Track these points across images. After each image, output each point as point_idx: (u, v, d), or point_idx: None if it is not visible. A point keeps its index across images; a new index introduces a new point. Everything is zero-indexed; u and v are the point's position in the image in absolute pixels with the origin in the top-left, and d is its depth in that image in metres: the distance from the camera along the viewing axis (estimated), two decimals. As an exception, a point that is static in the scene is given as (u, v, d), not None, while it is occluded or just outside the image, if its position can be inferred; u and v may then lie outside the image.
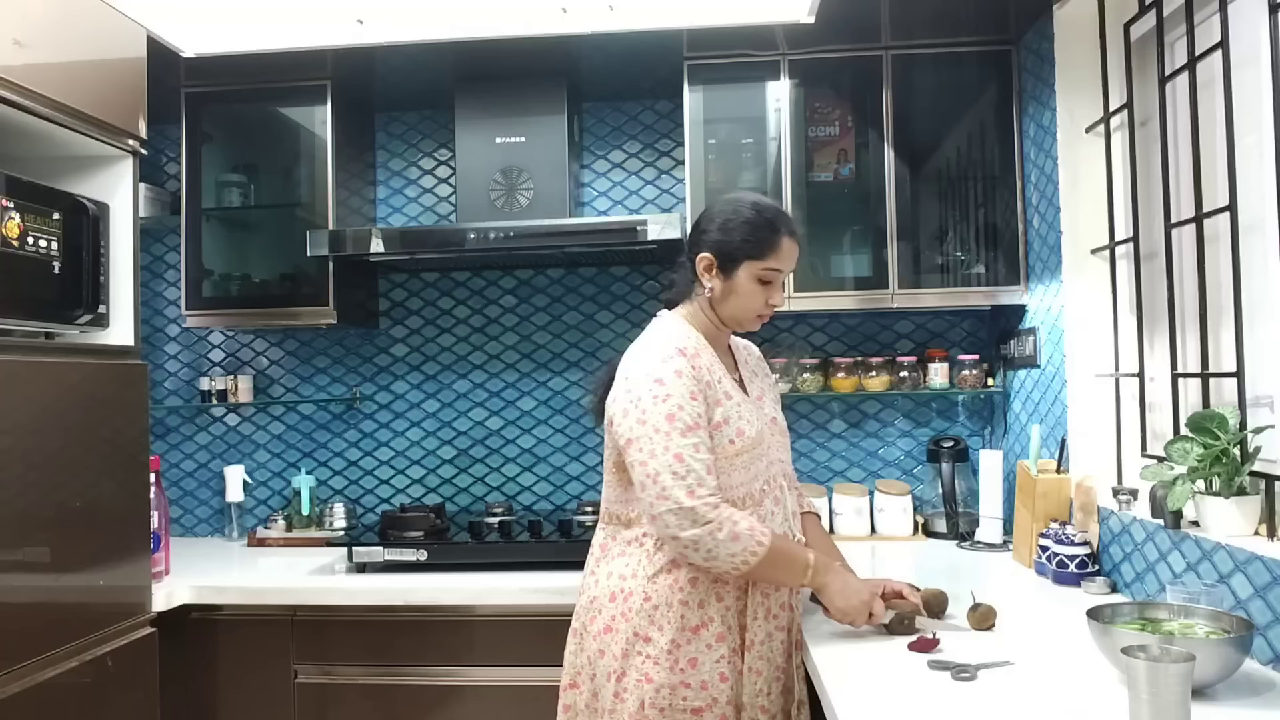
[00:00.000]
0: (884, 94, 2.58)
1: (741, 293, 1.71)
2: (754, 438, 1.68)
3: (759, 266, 1.69)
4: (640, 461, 1.59)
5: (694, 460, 1.57)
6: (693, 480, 1.56)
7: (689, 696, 1.60)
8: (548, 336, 3.01)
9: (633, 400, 1.62)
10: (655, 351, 1.66)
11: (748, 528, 1.57)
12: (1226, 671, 1.34)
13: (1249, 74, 1.68)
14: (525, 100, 2.72)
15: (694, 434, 1.59)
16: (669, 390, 1.60)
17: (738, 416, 1.67)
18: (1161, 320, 1.98)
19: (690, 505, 1.54)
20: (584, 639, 1.71)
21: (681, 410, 1.59)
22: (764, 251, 1.69)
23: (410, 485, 3.04)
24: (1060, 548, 2.08)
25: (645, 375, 1.63)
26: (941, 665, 1.51)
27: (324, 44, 2.28)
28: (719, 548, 1.55)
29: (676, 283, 1.80)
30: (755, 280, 1.70)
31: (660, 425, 1.58)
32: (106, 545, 2.00)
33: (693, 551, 1.57)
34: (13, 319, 1.84)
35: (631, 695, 1.60)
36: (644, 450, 1.59)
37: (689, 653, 1.61)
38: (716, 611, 1.64)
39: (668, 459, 1.56)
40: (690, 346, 1.67)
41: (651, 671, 1.60)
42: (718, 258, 1.70)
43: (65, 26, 1.94)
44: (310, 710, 2.34)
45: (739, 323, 1.76)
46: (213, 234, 2.82)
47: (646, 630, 1.62)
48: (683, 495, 1.55)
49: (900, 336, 2.90)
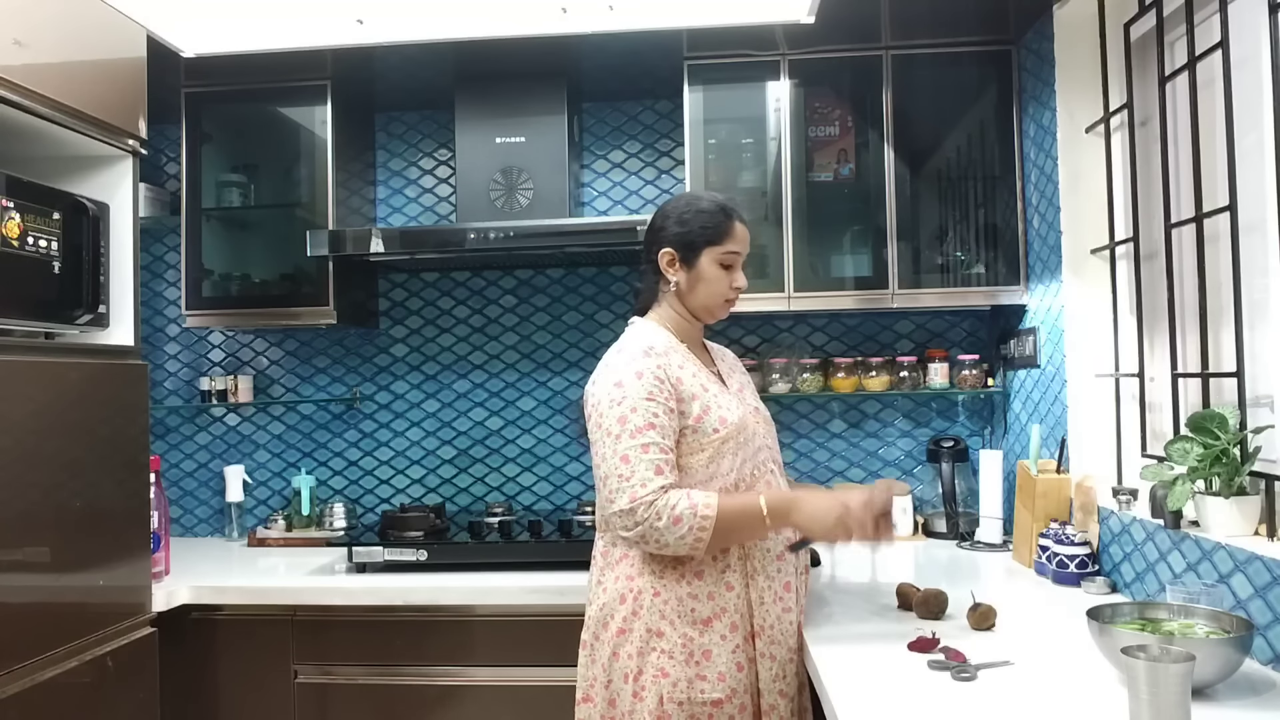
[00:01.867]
0: (884, 94, 2.58)
1: (707, 279, 1.76)
2: (737, 423, 1.71)
3: (719, 251, 1.75)
4: (595, 465, 1.67)
5: (640, 461, 1.60)
6: (636, 481, 1.59)
7: (706, 689, 1.61)
8: (548, 336, 3.01)
9: (594, 405, 1.68)
10: (620, 356, 1.71)
11: (688, 506, 1.58)
12: (1226, 671, 1.34)
13: (1249, 74, 1.68)
14: (525, 100, 2.72)
15: (645, 434, 1.61)
16: (625, 393, 1.64)
17: (718, 405, 1.70)
18: (1161, 320, 1.98)
19: (628, 506, 1.58)
20: (595, 648, 1.70)
21: (634, 413, 1.62)
22: (722, 236, 1.75)
23: (410, 485, 3.04)
24: (1060, 548, 2.08)
25: (606, 380, 1.68)
26: (941, 665, 1.51)
27: (324, 44, 2.28)
28: (665, 534, 1.58)
29: (642, 290, 1.85)
30: (718, 265, 1.76)
31: (612, 428, 1.63)
32: (106, 545, 2.00)
33: (645, 545, 1.62)
34: (13, 319, 1.84)
35: (650, 692, 1.61)
36: (597, 454, 1.66)
37: (703, 645, 1.63)
38: (728, 602, 1.65)
39: (615, 462, 1.61)
40: (659, 345, 1.72)
41: (667, 666, 1.61)
42: (679, 250, 1.76)
43: (65, 26, 1.94)
44: (310, 710, 2.34)
45: (709, 310, 1.80)
46: (213, 234, 2.82)
47: (659, 626, 1.63)
48: (624, 500, 1.59)
49: (900, 336, 2.90)
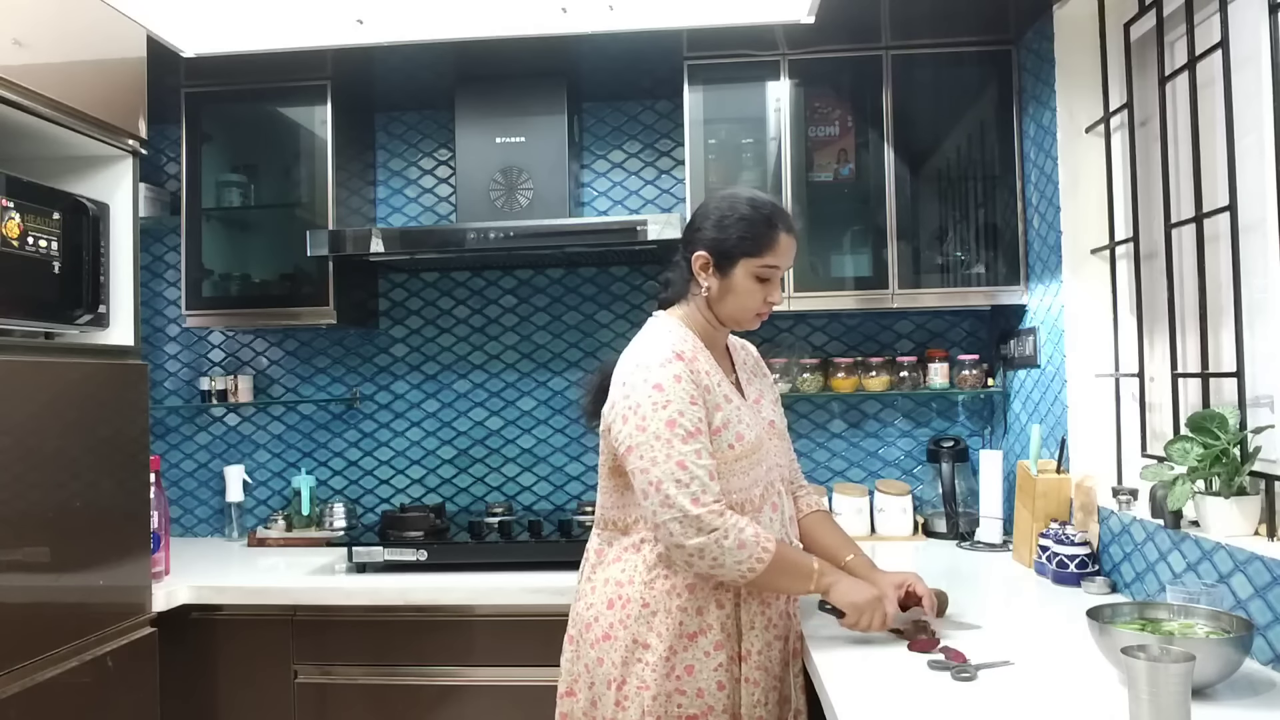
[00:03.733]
0: (884, 94, 2.58)
1: (739, 291, 1.66)
2: (753, 442, 1.66)
3: (756, 264, 1.64)
4: (641, 469, 1.55)
5: (697, 467, 1.54)
6: (697, 487, 1.52)
7: (684, 704, 1.59)
8: (548, 336, 3.01)
9: (631, 407, 1.58)
10: (652, 356, 1.61)
11: (753, 535, 1.54)
12: (1226, 671, 1.34)
13: (1249, 74, 1.68)
14: (525, 100, 2.71)
15: (695, 440, 1.55)
16: (668, 396, 1.56)
17: (737, 420, 1.65)
18: (1161, 320, 1.98)
19: (696, 513, 1.51)
20: (580, 646, 1.69)
21: (682, 416, 1.55)
22: (761, 249, 1.64)
23: (410, 485, 3.04)
24: (1060, 548, 2.08)
25: (643, 381, 1.58)
26: (941, 665, 1.51)
27: (324, 44, 2.28)
28: (725, 555, 1.52)
29: (672, 282, 1.74)
30: (753, 278, 1.65)
31: (661, 432, 1.54)
32: (106, 545, 2.00)
33: (699, 560, 1.53)
34: (13, 319, 1.84)
35: (632, 703, 1.59)
36: (645, 458, 1.55)
37: (685, 659, 1.60)
38: (715, 619, 1.62)
39: (670, 466, 1.53)
40: (688, 350, 1.63)
41: (649, 678, 1.58)
42: (714, 256, 1.66)
43: (65, 26, 1.94)
44: (310, 710, 2.34)
45: (737, 322, 1.72)
46: (213, 234, 2.82)
47: (645, 637, 1.60)
48: (687, 503, 1.51)
49: (900, 336, 2.90)
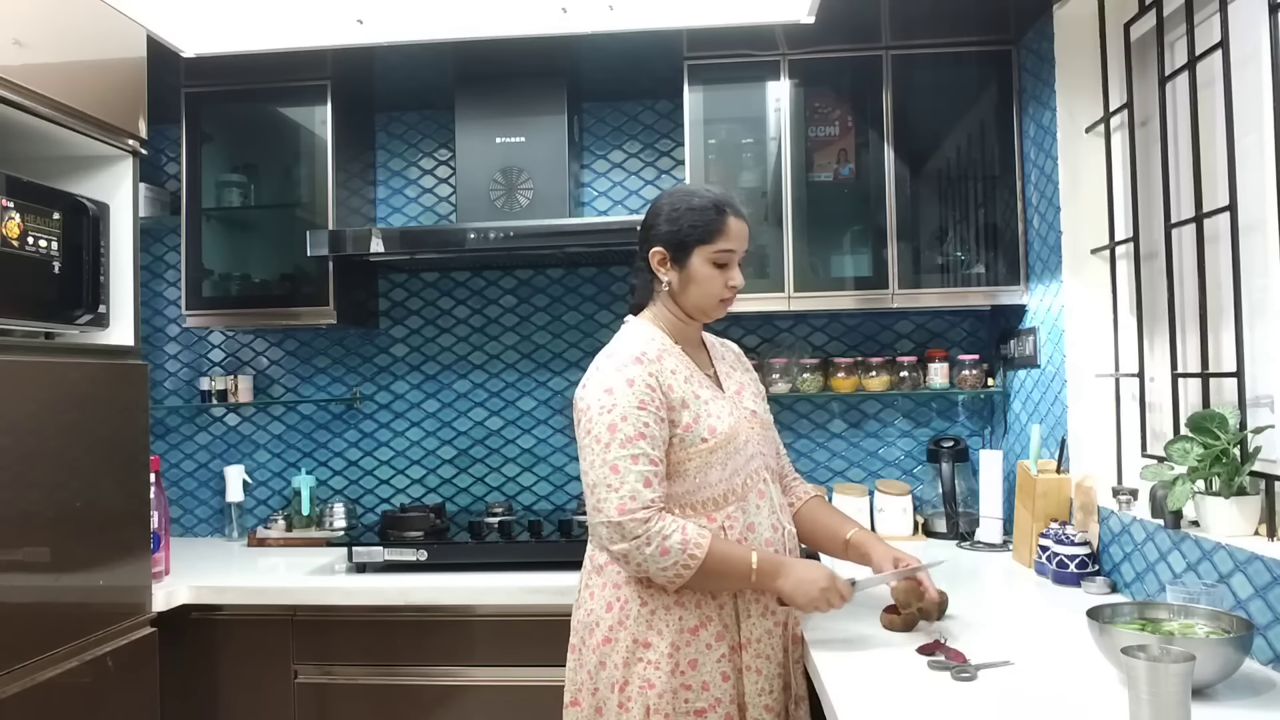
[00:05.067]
0: (884, 94, 2.58)
1: (699, 279, 1.71)
2: (727, 433, 1.68)
3: (711, 250, 1.70)
4: (582, 471, 1.65)
5: (629, 472, 1.57)
6: (626, 492, 1.56)
7: (690, 698, 1.60)
8: (548, 336, 3.01)
9: (583, 410, 1.66)
10: (610, 360, 1.67)
11: (680, 541, 1.56)
12: (1226, 671, 1.34)
13: (1249, 74, 1.68)
14: (525, 100, 2.72)
15: (634, 445, 1.58)
16: (615, 400, 1.61)
17: (708, 414, 1.67)
18: (1161, 320, 1.98)
19: (618, 520, 1.56)
20: (582, 654, 1.69)
21: (625, 421, 1.59)
22: (713, 235, 1.69)
23: (410, 485, 3.04)
24: (1060, 548, 2.08)
25: (597, 385, 1.65)
26: (941, 665, 1.51)
27: (324, 44, 2.28)
28: (648, 562, 1.56)
29: (638, 286, 1.80)
30: (710, 264, 1.70)
31: (601, 435, 1.60)
32: (106, 545, 2.00)
33: (625, 564, 1.60)
34: (13, 319, 1.84)
35: (636, 703, 1.60)
36: (585, 460, 1.63)
37: (689, 654, 1.62)
38: (713, 610, 1.64)
39: (604, 470, 1.58)
40: (651, 351, 1.68)
41: (653, 676, 1.59)
42: (669, 249, 1.71)
43: (65, 26, 1.94)
44: (310, 710, 2.34)
45: (704, 311, 1.75)
46: (213, 234, 2.82)
47: (646, 636, 1.61)
48: (613, 509, 1.57)
49: (900, 336, 2.90)
